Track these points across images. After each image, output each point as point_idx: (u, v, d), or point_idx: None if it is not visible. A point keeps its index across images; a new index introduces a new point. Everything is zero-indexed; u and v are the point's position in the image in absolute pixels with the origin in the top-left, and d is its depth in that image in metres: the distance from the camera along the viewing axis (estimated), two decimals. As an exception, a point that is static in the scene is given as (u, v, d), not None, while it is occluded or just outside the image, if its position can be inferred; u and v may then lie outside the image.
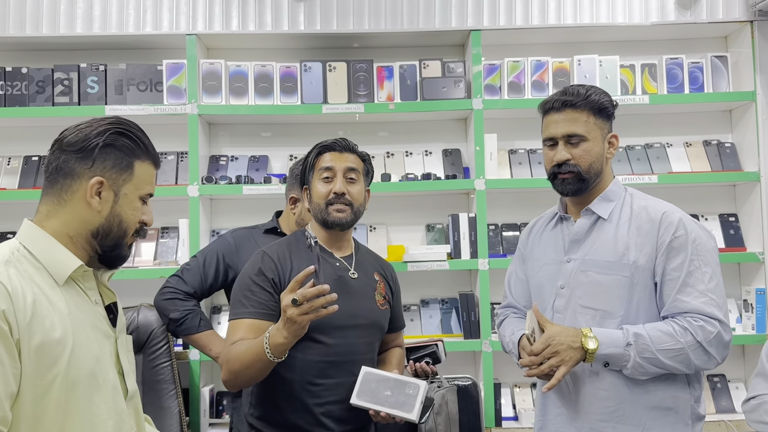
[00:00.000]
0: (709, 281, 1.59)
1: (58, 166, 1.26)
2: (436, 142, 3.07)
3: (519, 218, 3.02)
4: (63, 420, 1.16)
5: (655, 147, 3.01)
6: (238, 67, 2.87)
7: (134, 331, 2.41)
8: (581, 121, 1.68)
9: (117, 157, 1.28)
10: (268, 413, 1.71)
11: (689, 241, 1.61)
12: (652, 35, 3.00)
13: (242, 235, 2.29)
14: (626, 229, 1.67)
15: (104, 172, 1.26)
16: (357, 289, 1.77)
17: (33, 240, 1.23)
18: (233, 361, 1.62)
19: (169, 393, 2.37)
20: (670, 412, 1.61)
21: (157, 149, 3.15)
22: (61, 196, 1.25)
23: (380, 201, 2.99)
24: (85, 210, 1.25)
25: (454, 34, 2.94)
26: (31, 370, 1.13)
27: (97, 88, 2.85)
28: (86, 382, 1.20)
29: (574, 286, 1.69)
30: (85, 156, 1.25)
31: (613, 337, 1.58)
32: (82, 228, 1.26)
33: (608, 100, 1.72)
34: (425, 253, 2.77)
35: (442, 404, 2.25)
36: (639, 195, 1.75)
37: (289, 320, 1.50)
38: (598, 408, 1.63)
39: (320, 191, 1.77)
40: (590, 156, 1.68)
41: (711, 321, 1.57)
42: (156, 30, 2.86)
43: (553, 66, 2.92)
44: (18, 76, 2.86)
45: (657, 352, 1.55)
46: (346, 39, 2.95)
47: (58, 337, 1.16)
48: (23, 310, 1.14)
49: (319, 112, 2.81)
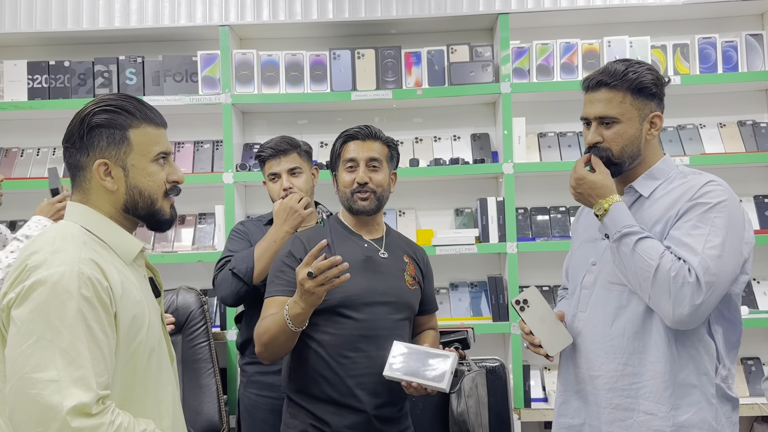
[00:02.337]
0: (712, 248, 1.50)
1: (69, 163, 1.33)
2: (465, 127, 3.09)
3: (549, 202, 3.03)
4: (143, 384, 1.27)
5: (688, 128, 2.97)
6: (270, 57, 2.94)
7: (173, 312, 2.53)
8: (615, 102, 1.61)
9: (108, 134, 1.29)
10: (305, 386, 1.79)
11: (710, 207, 1.53)
12: (684, 15, 2.96)
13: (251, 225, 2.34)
14: (663, 205, 1.61)
15: (103, 153, 1.29)
16: (386, 268, 1.84)
17: (95, 224, 1.29)
18: (262, 334, 1.73)
19: (207, 371, 2.49)
20: (695, 390, 1.57)
21: (194, 138, 3.25)
22: (83, 187, 1.32)
23: (409, 186, 3.04)
24: (105, 193, 1.30)
25: (482, 18, 2.95)
26: (123, 339, 1.23)
27: (135, 80, 2.96)
28: (157, 349, 1.31)
29: (604, 262, 1.66)
30: (80, 146, 1.30)
31: (618, 219, 1.57)
32: (111, 209, 1.31)
33: (651, 79, 1.62)
34: (453, 237, 2.81)
35: (472, 387, 2.30)
36: (687, 171, 1.67)
37: (306, 292, 1.59)
38: (623, 384, 1.61)
39: (345, 180, 1.86)
40: (622, 139, 1.62)
41: (694, 273, 1.48)
42: (190, 22, 2.96)
43: (583, 48, 2.90)
44: (61, 70, 2.99)
45: (632, 252, 1.53)
46: (374, 26, 2.99)
47: (141, 310, 1.27)
48: (116, 286, 1.23)
49: (348, 99, 2.87)
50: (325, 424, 1.75)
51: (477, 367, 2.37)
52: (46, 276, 1.16)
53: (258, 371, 2.20)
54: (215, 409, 2.46)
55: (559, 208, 2.99)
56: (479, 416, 2.32)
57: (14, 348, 1.15)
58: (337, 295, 1.73)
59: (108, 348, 1.19)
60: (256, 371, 2.21)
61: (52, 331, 1.14)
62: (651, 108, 1.63)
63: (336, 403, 1.76)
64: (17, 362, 1.14)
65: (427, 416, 2.38)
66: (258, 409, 2.18)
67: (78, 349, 1.14)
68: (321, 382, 1.77)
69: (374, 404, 1.77)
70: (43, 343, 1.13)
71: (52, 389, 1.11)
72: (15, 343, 1.15)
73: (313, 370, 1.77)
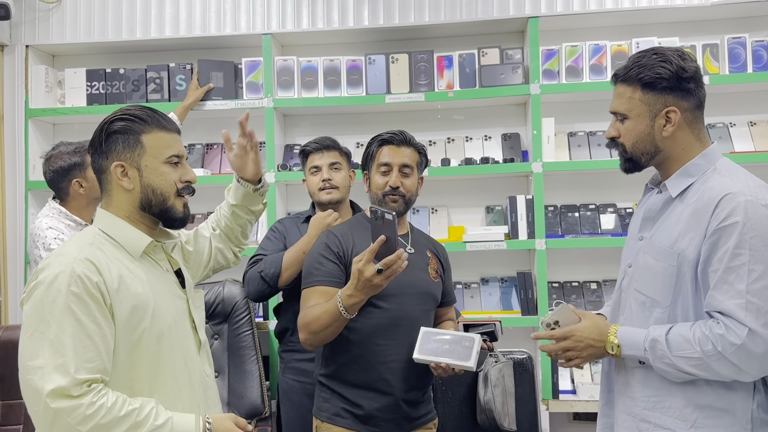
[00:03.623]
0: (755, 281, 1.38)
1: (94, 168, 1.51)
2: (496, 127, 3.19)
3: (578, 200, 3.11)
4: (150, 367, 1.43)
5: (718, 127, 3.01)
6: (309, 63, 3.10)
7: (220, 303, 2.72)
8: (625, 98, 1.55)
9: (122, 139, 1.46)
10: (339, 372, 1.92)
11: (741, 230, 1.39)
12: (713, 15, 2.99)
13: (289, 223, 2.51)
14: (689, 211, 1.49)
15: (119, 156, 1.46)
16: (412, 262, 1.96)
17: (109, 225, 1.47)
18: (311, 323, 1.82)
19: (250, 358, 2.67)
20: (726, 414, 1.46)
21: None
22: (105, 189, 1.50)
23: (441, 184, 3.17)
24: (123, 193, 1.47)
25: (513, 22, 3.05)
26: (123, 327, 1.39)
27: (184, 86, 3.16)
28: (167, 334, 1.46)
29: (636, 267, 1.60)
30: (99, 152, 1.48)
31: (635, 339, 1.51)
32: (129, 207, 1.48)
33: (660, 72, 1.51)
34: (483, 234, 2.92)
35: (499, 378, 2.41)
36: (723, 170, 1.52)
37: (372, 285, 1.71)
38: (644, 395, 1.55)
39: (378, 183, 1.98)
40: (632, 135, 1.56)
41: (736, 329, 1.39)
42: (235, 31, 3.14)
43: (612, 49, 2.97)
44: (116, 77, 3.21)
45: (675, 358, 1.45)
46: (407, 31, 3.12)
47: (143, 300, 1.42)
48: (111, 281, 1.38)
49: (382, 102, 3.00)
50: (357, 407, 1.88)
51: (504, 358, 2.47)
52: (45, 277, 1.36)
53: (294, 358, 2.37)
54: (258, 393, 2.64)
55: (588, 206, 3.07)
56: (506, 405, 2.42)
57: (20, 339, 1.36)
58: (394, 288, 1.85)
59: (101, 336, 1.34)
60: (293, 358, 2.38)
61: (44, 324, 1.33)
62: (665, 102, 1.52)
63: (368, 387, 1.89)
64: (20, 352, 1.35)
65: (455, 404, 2.50)
66: (294, 393, 2.35)
67: (62, 340, 1.31)
68: (354, 367, 1.89)
69: (402, 388, 1.90)
70: (36, 335, 1.33)
71: (39, 375, 1.30)
72: (21, 335, 1.36)
73: (346, 356, 1.90)
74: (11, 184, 3.19)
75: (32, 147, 3.21)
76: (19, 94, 3.19)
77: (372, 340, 1.89)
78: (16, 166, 3.18)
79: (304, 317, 1.86)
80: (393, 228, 1.66)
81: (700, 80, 1.55)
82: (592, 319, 1.61)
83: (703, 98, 1.56)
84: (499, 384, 2.41)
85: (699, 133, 1.56)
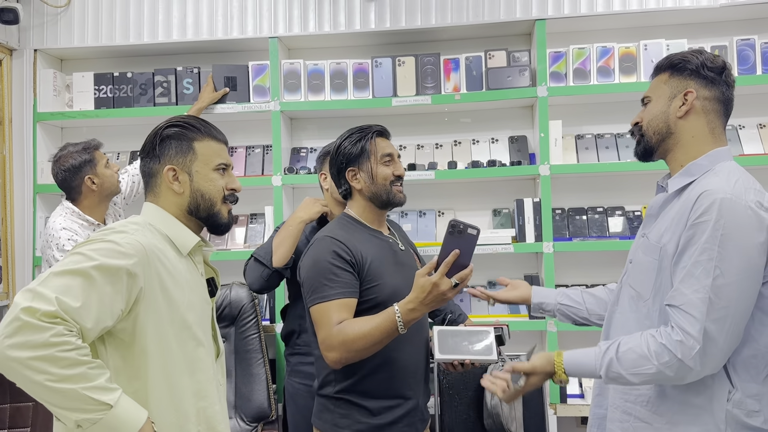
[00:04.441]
0: (717, 278, 1.40)
1: (144, 171, 1.55)
2: (503, 130, 3.19)
3: (586, 202, 3.10)
4: (179, 359, 1.45)
5: (727, 129, 2.97)
6: (316, 66, 3.10)
7: (227, 306, 2.72)
8: (654, 84, 1.64)
9: (176, 144, 1.52)
10: (359, 384, 1.81)
11: (713, 227, 1.42)
12: (721, 17, 2.97)
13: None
14: (677, 208, 1.53)
15: (171, 160, 1.51)
16: (406, 260, 1.95)
17: (160, 219, 1.51)
18: (355, 340, 1.69)
19: (257, 361, 2.67)
20: (702, 411, 1.49)
21: (245, 143, 3.46)
22: (154, 192, 1.54)
23: (448, 187, 3.16)
24: (172, 196, 1.52)
25: (520, 24, 3.04)
26: (163, 313, 1.41)
27: (192, 89, 3.17)
28: (194, 330, 1.48)
29: (634, 262, 1.65)
30: (152, 155, 1.52)
31: (585, 367, 1.54)
32: (177, 210, 1.52)
33: (688, 57, 1.58)
34: (490, 237, 2.91)
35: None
36: (720, 171, 1.52)
37: (444, 300, 1.64)
38: (626, 387, 1.59)
39: (385, 173, 1.91)
40: (650, 114, 1.61)
41: (691, 331, 1.41)
42: (242, 34, 3.15)
43: (619, 51, 2.95)
44: (124, 80, 3.22)
45: (630, 376, 1.47)
46: (414, 34, 3.12)
47: (181, 291, 1.46)
48: (155, 265, 1.41)
49: (389, 105, 3.00)
50: (380, 416, 1.80)
51: (512, 363, 2.46)
52: (111, 239, 1.38)
53: (301, 361, 2.36)
54: (264, 396, 2.64)
55: (596, 209, 3.05)
56: (513, 410, 2.42)
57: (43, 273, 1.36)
58: (386, 290, 1.80)
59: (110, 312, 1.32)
60: (299, 361, 2.37)
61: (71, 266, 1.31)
62: (686, 85, 1.57)
63: (394, 395, 1.82)
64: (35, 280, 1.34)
65: (462, 408, 2.49)
66: (300, 396, 2.35)
67: (73, 287, 1.29)
68: (378, 377, 1.80)
69: (422, 390, 1.89)
70: (57, 270, 1.31)
71: (30, 294, 1.28)
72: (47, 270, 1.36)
73: (368, 367, 1.79)
74: (20, 187, 3.21)
75: (40, 150, 3.23)
76: (28, 97, 3.21)
77: (392, 346, 1.80)
78: (25, 170, 3.20)
79: (341, 335, 1.70)
80: (473, 243, 1.65)
81: (728, 78, 1.59)
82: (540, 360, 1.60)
83: (728, 98, 1.60)
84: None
85: (714, 128, 1.58)
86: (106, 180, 2.59)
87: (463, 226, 1.64)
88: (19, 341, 1.23)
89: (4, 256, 3.17)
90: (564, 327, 2.84)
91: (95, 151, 2.60)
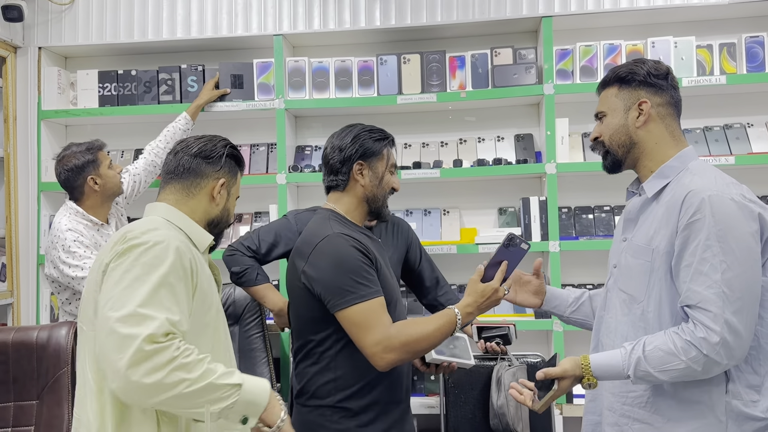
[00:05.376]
0: (725, 272, 1.44)
1: (189, 168, 1.59)
2: (509, 128, 3.16)
3: (592, 201, 3.07)
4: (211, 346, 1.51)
5: (735, 127, 2.96)
6: (320, 63, 3.09)
7: (231, 305, 2.71)
8: (605, 98, 1.68)
9: (232, 165, 1.65)
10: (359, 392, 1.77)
11: (709, 224, 1.46)
12: (730, 14, 2.94)
13: (304, 218, 2.47)
14: (662, 210, 1.57)
15: (225, 175, 1.62)
16: (391, 263, 1.96)
17: (178, 218, 1.56)
18: (419, 341, 1.68)
19: (261, 361, 2.65)
20: (701, 406, 1.52)
21: (249, 141, 3.45)
22: (189, 190, 1.59)
23: (453, 186, 3.14)
24: (207, 203, 1.60)
25: (526, 21, 3.02)
26: (197, 310, 1.47)
27: (196, 87, 3.16)
28: (222, 326, 1.58)
29: (619, 267, 1.68)
30: (214, 162, 1.61)
31: (613, 368, 1.54)
32: (202, 217, 1.60)
33: (633, 68, 1.64)
34: (496, 236, 2.88)
35: (512, 382, 2.38)
36: (695, 170, 1.58)
37: (497, 303, 1.76)
38: (623, 390, 1.61)
39: (392, 181, 1.90)
40: (609, 129, 1.66)
41: (714, 327, 1.44)
42: (246, 32, 3.14)
43: (627, 49, 2.93)
44: (128, 78, 3.21)
45: (659, 374, 1.48)
46: (419, 32, 3.10)
47: (208, 285, 1.53)
48: (194, 262, 1.47)
49: (394, 103, 2.98)
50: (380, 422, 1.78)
51: (518, 362, 2.44)
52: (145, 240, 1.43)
53: None
54: (269, 396, 2.63)
55: (603, 208, 3.03)
56: (519, 410, 2.39)
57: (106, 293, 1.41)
58: (386, 292, 1.76)
59: (187, 303, 1.43)
60: None
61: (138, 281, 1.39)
62: (638, 96, 1.64)
63: (390, 401, 1.81)
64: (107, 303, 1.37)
65: (468, 408, 2.47)
66: None
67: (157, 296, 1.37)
68: (384, 383, 1.79)
69: (409, 393, 1.90)
70: (130, 289, 1.39)
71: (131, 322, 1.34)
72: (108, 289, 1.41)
73: (372, 373, 1.75)
74: (24, 185, 3.20)
75: (45, 148, 3.22)
76: (32, 95, 3.20)
77: None
78: (29, 168, 3.19)
79: (403, 336, 1.66)
80: (521, 257, 1.76)
81: (673, 81, 1.67)
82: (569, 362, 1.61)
83: (677, 99, 1.67)
84: (513, 389, 2.38)
85: (673, 131, 1.65)
86: (109, 181, 2.59)
87: (518, 240, 1.74)
88: (149, 367, 1.30)
89: (8, 254, 3.17)
90: (570, 327, 2.81)
91: (99, 152, 2.59)
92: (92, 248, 2.48)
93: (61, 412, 2.10)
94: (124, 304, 1.34)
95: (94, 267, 1.49)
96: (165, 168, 1.63)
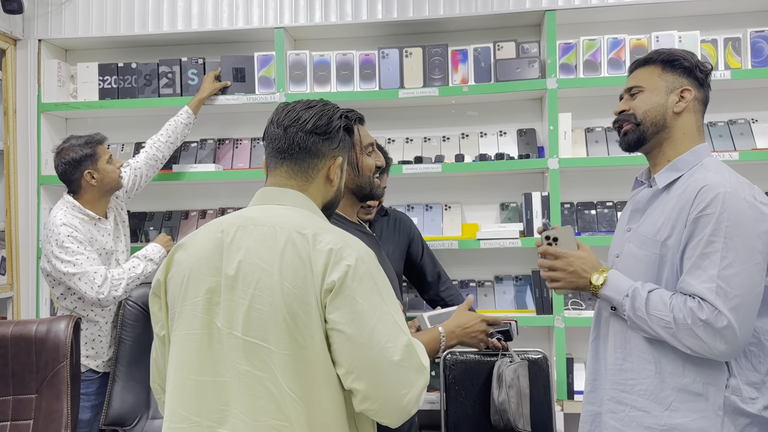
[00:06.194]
0: (726, 268, 1.45)
1: (305, 147, 1.37)
2: (511, 123, 3.14)
3: (595, 197, 3.05)
4: None
5: (739, 123, 2.94)
6: (322, 57, 3.06)
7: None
8: (645, 75, 1.66)
9: (347, 139, 1.44)
10: None
11: (717, 219, 1.47)
12: (735, 8, 2.92)
13: None
14: (673, 202, 1.57)
15: (342, 152, 1.42)
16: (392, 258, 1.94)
17: (316, 208, 1.40)
18: None
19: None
20: (700, 398, 1.52)
21: (250, 135, 3.43)
22: (308, 174, 1.39)
23: (455, 180, 3.12)
24: (324, 186, 1.41)
25: (529, 15, 2.99)
26: None
27: (197, 80, 3.14)
28: None
29: (622, 256, 1.68)
30: (331, 138, 1.39)
31: (620, 284, 1.57)
32: (320, 201, 1.42)
33: (682, 54, 1.65)
34: (497, 231, 2.87)
35: (514, 378, 2.36)
36: (709, 166, 1.59)
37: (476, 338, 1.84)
38: (621, 378, 1.62)
39: (370, 164, 1.78)
40: (646, 104, 1.64)
41: (705, 307, 1.46)
42: (247, 24, 3.11)
43: (631, 43, 2.90)
44: (128, 71, 3.19)
45: (647, 314, 1.52)
46: (421, 25, 3.07)
47: None
48: None
49: (396, 97, 2.96)
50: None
51: (519, 358, 2.43)
52: (355, 259, 1.28)
53: None
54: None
55: (606, 203, 3.01)
56: (520, 406, 2.38)
57: (364, 327, 1.27)
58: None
59: None
60: None
61: (380, 304, 1.29)
62: (682, 82, 1.64)
63: None
64: (374, 340, 1.26)
65: (469, 404, 2.47)
66: None
67: (388, 312, 1.30)
68: None
69: None
70: (384, 316, 1.29)
71: (395, 346, 1.28)
72: (362, 323, 1.28)
73: None
74: (24, 178, 3.19)
75: (44, 141, 3.20)
76: (32, 88, 3.18)
77: None
78: (29, 161, 3.18)
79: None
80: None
81: (710, 82, 1.69)
82: (590, 253, 1.67)
83: (708, 100, 1.69)
84: (514, 384, 2.37)
85: (700, 126, 1.67)
86: (107, 176, 2.57)
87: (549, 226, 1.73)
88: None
89: (8, 248, 3.16)
90: (572, 323, 2.81)
91: (98, 146, 2.57)
92: (86, 244, 2.47)
93: (60, 405, 2.09)
94: (389, 334, 1.26)
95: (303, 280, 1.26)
96: (273, 145, 1.39)
